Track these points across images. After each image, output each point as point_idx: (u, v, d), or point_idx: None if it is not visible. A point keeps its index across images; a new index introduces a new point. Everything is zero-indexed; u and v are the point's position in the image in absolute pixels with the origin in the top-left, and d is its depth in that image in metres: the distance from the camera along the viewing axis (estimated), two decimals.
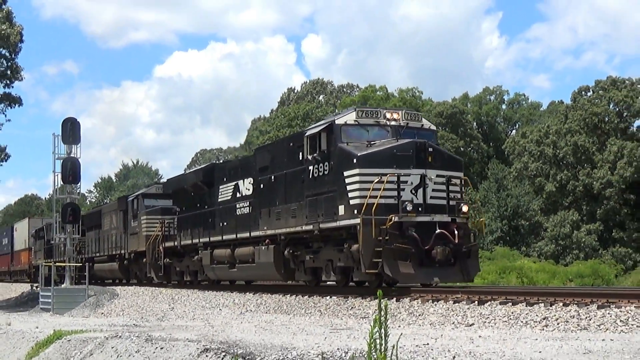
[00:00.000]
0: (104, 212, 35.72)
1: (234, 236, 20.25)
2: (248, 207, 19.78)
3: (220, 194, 22.07)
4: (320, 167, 15.57)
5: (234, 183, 21.00)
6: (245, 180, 19.99)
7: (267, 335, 10.16)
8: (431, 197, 14.42)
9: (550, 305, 11.30)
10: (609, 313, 10.24)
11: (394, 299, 14.08)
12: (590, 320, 10.12)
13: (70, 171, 26.31)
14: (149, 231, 26.41)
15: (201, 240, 22.68)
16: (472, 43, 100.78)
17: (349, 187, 14.54)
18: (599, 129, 44.60)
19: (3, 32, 28.00)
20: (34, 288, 35.08)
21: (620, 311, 10.09)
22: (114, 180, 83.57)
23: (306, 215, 16.04)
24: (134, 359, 9.19)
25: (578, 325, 10.04)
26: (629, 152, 41.19)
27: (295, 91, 69.58)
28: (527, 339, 8.74)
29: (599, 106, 44.60)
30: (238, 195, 20.65)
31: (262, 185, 18.56)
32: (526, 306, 11.64)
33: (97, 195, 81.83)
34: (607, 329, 9.59)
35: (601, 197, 42.45)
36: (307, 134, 16.47)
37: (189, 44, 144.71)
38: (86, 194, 79.73)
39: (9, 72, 29.82)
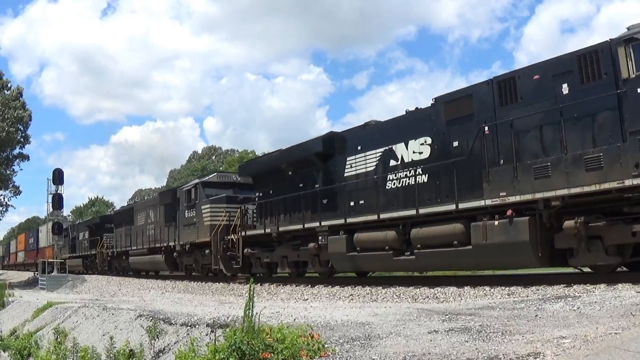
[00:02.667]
0: (136, 209, 35.38)
1: (405, 213, 15.16)
2: (416, 177, 15.25)
3: (348, 167, 17.45)
4: None
5: (378, 150, 16.58)
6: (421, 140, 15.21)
7: (178, 306, 13.37)
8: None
9: (355, 287, 16.51)
10: (388, 291, 14.81)
11: (259, 283, 19.13)
12: (378, 295, 14.57)
13: (57, 202, 38.83)
14: (213, 220, 24.07)
15: (323, 223, 17.63)
16: (309, 124, 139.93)
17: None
18: None
19: (20, 115, 42.44)
20: (35, 274, 46.82)
21: (395, 289, 14.92)
22: (82, 208, 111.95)
23: None
24: (95, 320, 13.15)
25: (371, 298, 14.40)
26: None
27: (198, 153, 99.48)
28: (340, 308, 11.17)
29: None
30: (392, 164, 16.11)
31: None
32: (340, 287, 16.81)
33: (73, 217, 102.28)
34: (387, 300, 13.66)
35: None
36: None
37: (133, 122, 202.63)
38: (67, 217, 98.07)
39: (22, 139, 45.15)
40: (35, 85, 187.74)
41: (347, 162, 17.56)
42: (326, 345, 6.30)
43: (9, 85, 45.12)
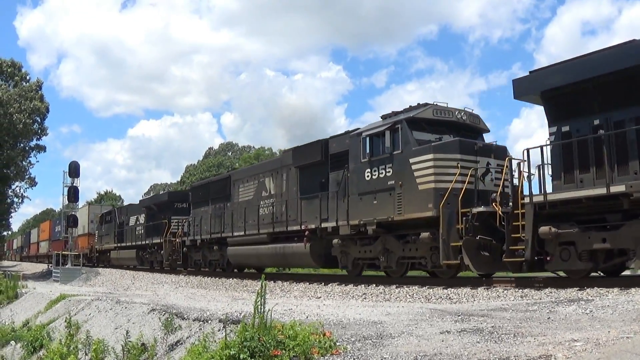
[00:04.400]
0: (236, 178, 25.35)
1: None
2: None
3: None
4: None
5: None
6: None
7: (191, 302, 13.37)
8: None
9: (368, 285, 16.54)
10: (401, 290, 14.88)
11: (272, 280, 19.19)
12: (391, 295, 14.61)
13: (72, 195, 39.23)
14: (440, 182, 14.85)
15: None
16: (327, 122, 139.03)
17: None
18: None
19: (38, 107, 42.94)
20: (49, 267, 46.05)
21: (409, 289, 15.02)
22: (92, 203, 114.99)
23: None
24: (108, 313, 13.23)
25: (384, 298, 14.41)
26: None
27: (214, 149, 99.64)
28: (353, 306, 11.16)
29: None
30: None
31: None
32: (354, 286, 16.84)
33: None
34: (400, 300, 13.72)
35: None
36: None
37: (150, 116, 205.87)
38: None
39: (39, 131, 45.68)
40: (53, 77, 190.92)
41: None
42: (338, 343, 6.30)
43: (27, 77, 45.71)
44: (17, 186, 51.67)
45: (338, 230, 17.93)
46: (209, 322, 9.04)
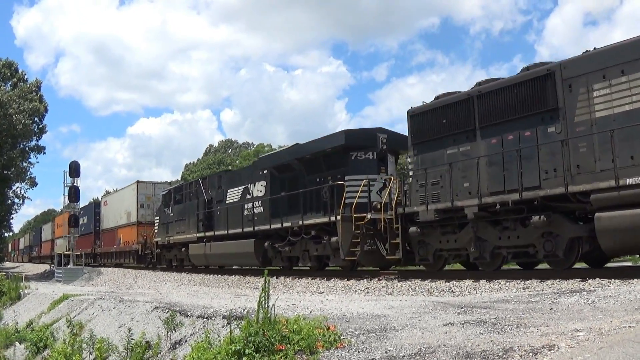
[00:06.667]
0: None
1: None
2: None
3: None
4: None
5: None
6: None
7: (194, 299, 13.42)
8: None
9: (370, 280, 16.59)
10: (404, 284, 14.91)
11: (274, 276, 19.20)
12: (394, 289, 14.66)
13: (73, 195, 38.78)
14: None
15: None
16: (328, 117, 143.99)
17: None
18: None
19: (36, 107, 42.79)
20: (51, 267, 44.87)
21: (411, 282, 15.07)
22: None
23: None
24: (111, 312, 13.27)
25: (386, 292, 14.48)
26: None
27: (214, 146, 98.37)
28: (356, 301, 11.18)
29: None
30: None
31: None
32: (356, 280, 16.88)
33: None
34: (403, 294, 13.75)
35: None
36: None
37: (150, 114, 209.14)
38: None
39: (38, 131, 45.69)
40: (51, 76, 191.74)
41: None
42: (342, 337, 6.34)
43: (25, 77, 45.75)
44: (17, 187, 51.81)
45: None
46: (213, 318, 9.06)
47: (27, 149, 46.12)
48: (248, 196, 23.46)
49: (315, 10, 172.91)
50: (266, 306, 6.30)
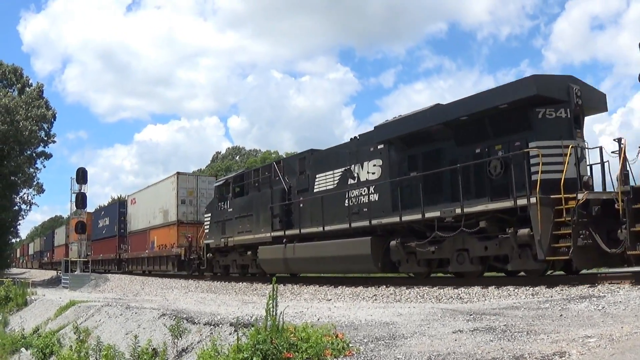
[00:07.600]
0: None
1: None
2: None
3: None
4: None
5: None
6: None
7: (201, 306, 13.50)
8: None
9: (378, 287, 16.50)
10: (412, 291, 14.82)
11: (281, 283, 19.17)
12: (402, 296, 14.53)
13: (81, 201, 38.96)
14: None
15: None
16: (335, 124, 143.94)
17: None
18: None
19: (44, 114, 43.38)
20: (58, 273, 44.77)
21: (419, 289, 14.95)
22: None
23: None
24: (118, 318, 13.26)
25: (394, 299, 14.35)
26: None
27: (221, 153, 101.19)
28: (364, 308, 11.26)
29: None
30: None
31: None
32: (364, 287, 16.80)
33: None
34: (411, 301, 13.61)
35: None
36: None
37: (157, 120, 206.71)
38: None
39: (46, 138, 46.38)
40: (58, 83, 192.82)
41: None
42: (350, 345, 6.30)
43: (29, 82, 46.07)
44: (24, 193, 52.04)
45: None
46: (220, 326, 9.04)
47: (34, 155, 46.36)
48: (351, 181, 18.47)
49: (323, 16, 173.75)
50: (274, 313, 6.22)
